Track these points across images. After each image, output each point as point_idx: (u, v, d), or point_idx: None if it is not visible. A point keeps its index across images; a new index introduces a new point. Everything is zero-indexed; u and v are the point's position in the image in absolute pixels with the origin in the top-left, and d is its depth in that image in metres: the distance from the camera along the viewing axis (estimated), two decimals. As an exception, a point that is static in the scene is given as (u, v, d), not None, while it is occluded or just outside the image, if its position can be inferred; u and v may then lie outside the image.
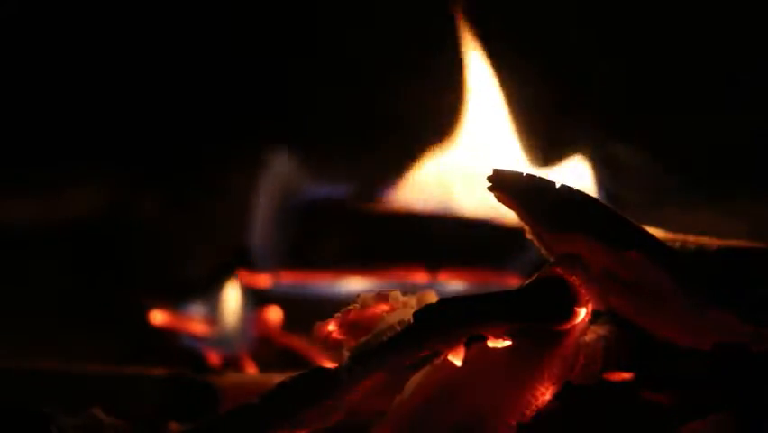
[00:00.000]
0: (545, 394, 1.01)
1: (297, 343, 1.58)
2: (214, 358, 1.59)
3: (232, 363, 1.57)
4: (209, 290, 1.68)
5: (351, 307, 1.09)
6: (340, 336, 1.09)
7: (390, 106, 1.93)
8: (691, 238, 1.10)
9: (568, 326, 1.01)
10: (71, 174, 2.09)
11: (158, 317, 1.66)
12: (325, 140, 2.02)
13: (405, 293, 1.08)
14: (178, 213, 2.04)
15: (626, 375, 1.09)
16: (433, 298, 1.07)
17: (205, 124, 2.09)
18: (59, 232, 2.02)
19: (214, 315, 1.65)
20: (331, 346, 1.10)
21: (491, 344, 1.00)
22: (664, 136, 1.84)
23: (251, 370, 1.55)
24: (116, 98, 2.08)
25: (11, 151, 2.07)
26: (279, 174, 1.86)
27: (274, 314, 1.61)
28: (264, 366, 1.56)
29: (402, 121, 1.89)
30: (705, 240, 1.10)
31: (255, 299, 1.63)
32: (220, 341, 1.61)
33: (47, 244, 1.99)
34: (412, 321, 0.98)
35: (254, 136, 2.07)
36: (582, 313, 1.02)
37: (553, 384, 1.02)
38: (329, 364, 1.01)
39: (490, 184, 1.06)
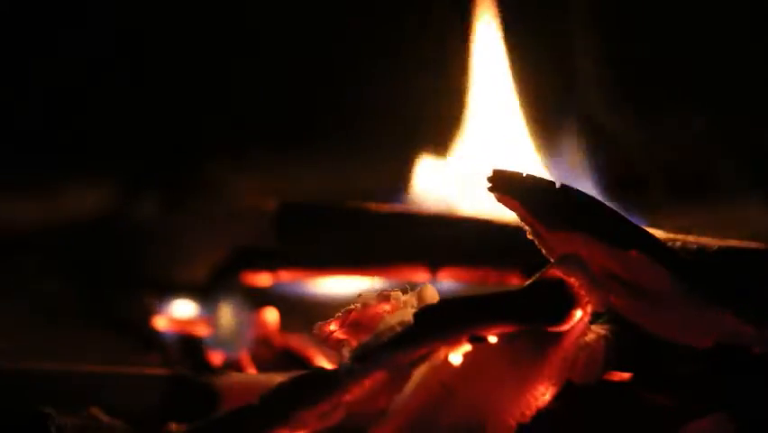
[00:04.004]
0: (545, 394, 1.01)
1: (297, 343, 1.58)
2: (214, 358, 1.59)
3: (232, 364, 1.57)
4: (209, 291, 1.68)
5: (352, 306, 1.09)
6: (341, 336, 1.09)
7: (391, 105, 1.93)
8: (691, 238, 1.10)
9: (567, 327, 1.01)
10: (71, 174, 2.09)
11: (160, 321, 1.66)
12: (325, 139, 2.03)
13: (405, 293, 1.09)
14: (179, 213, 2.04)
15: (626, 375, 1.09)
16: (432, 292, 1.07)
17: (205, 125, 2.09)
18: (59, 232, 2.02)
19: (214, 315, 1.65)
20: (332, 346, 1.10)
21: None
22: (665, 136, 1.84)
23: (251, 370, 1.55)
24: (116, 98, 2.08)
25: (10, 151, 2.07)
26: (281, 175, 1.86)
27: (273, 314, 1.61)
28: (264, 366, 1.56)
29: (402, 120, 1.89)
30: (705, 240, 1.10)
31: (255, 299, 1.63)
32: (220, 341, 1.61)
33: (47, 244, 1.99)
34: (412, 322, 0.98)
35: (254, 136, 2.07)
36: (581, 314, 1.02)
37: (553, 384, 1.02)
38: (329, 365, 1.01)
39: (490, 184, 1.06)
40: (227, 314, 1.63)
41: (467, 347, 1.00)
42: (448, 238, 1.57)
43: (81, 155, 2.08)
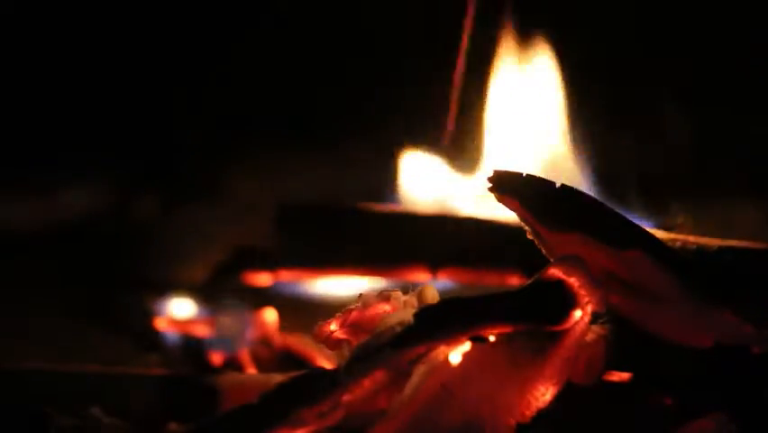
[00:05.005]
0: (545, 394, 1.01)
1: (297, 343, 1.58)
2: (214, 358, 1.60)
3: (232, 363, 1.57)
4: (209, 291, 1.68)
5: (352, 306, 1.09)
6: (341, 336, 1.09)
7: (391, 105, 1.93)
8: (691, 238, 1.10)
9: (566, 327, 1.01)
10: (71, 174, 2.09)
11: (161, 321, 1.67)
12: (326, 139, 2.03)
13: (405, 293, 1.09)
14: (179, 213, 2.04)
15: (626, 375, 1.09)
16: (433, 292, 1.07)
17: (205, 124, 2.09)
18: (60, 232, 2.02)
19: (214, 315, 1.65)
20: (332, 346, 1.10)
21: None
22: (666, 135, 1.84)
23: (251, 370, 1.55)
24: (116, 98, 2.08)
25: (10, 151, 2.07)
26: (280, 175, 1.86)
27: (273, 314, 1.61)
28: (264, 366, 1.56)
29: (402, 119, 1.89)
30: (705, 240, 1.10)
31: (255, 299, 1.63)
32: (220, 341, 1.61)
33: (47, 245, 1.99)
34: (412, 322, 0.98)
35: (254, 136, 2.07)
36: (580, 314, 1.02)
37: (554, 384, 1.02)
38: (329, 365, 1.01)
39: (490, 184, 1.06)
40: (227, 314, 1.63)
41: (467, 347, 1.00)
42: (448, 238, 1.57)
43: (81, 155, 2.08)
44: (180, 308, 1.69)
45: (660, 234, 1.10)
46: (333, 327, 1.10)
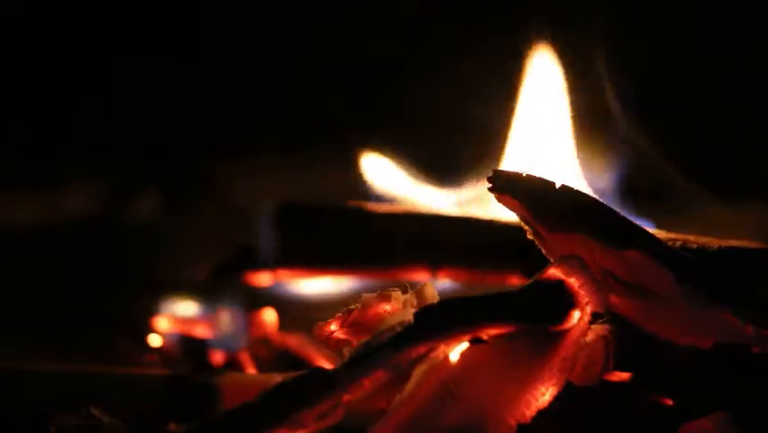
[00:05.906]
0: (545, 394, 1.01)
1: (297, 343, 1.58)
2: (214, 358, 1.59)
3: (232, 364, 1.57)
4: (209, 291, 1.68)
5: (352, 307, 1.09)
6: (341, 336, 1.09)
7: (391, 106, 1.94)
8: (692, 238, 1.10)
9: (566, 327, 1.01)
10: (71, 174, 2.09)
11: (161, 321, 1.66)
12: (326, 139, 2.03)
13: (405, 293, 1.09)
14: (179, 213, 2.04)
15: (626, 375, 1.09)
16: (432, 291, 1.07)
17: (205, 125, 2.09)
18: (59, 232, 2.02)
19: (214, 315, 1.65)
20: (332, 346, 1.10)
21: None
22: (667, 136, 1.84)
23: (251, 370, 1.55)
24: (116, 98, 2.08)
25: (11, 151, 2.07)
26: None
27: (272, 314, 1.61)
28: (264, 366, 1.56)
29: (403, 120, 1.89)
30: (705, 240, 1.10)
31: (255, 299, 1.63)
32: (220, 341, 1.61)
33: (47, 244, 1.99)
34: (412, 322, 0.98)
35: (253, 136, 2.07)
36: (580, 314, 1.02)
37: (554, 384, 1.02)
38: (329, 365, 1.01)
39: (490, 184, 1.06)
40: (227, 314, 1.63)
41: (465, 345, 1.00)
42: (448, 238, 1.57)
43: (81, 155, 2.08)
44: (180, 308, 1.69)
45: (660, 234, 1.10)
46: (333, 327, 1.10)
